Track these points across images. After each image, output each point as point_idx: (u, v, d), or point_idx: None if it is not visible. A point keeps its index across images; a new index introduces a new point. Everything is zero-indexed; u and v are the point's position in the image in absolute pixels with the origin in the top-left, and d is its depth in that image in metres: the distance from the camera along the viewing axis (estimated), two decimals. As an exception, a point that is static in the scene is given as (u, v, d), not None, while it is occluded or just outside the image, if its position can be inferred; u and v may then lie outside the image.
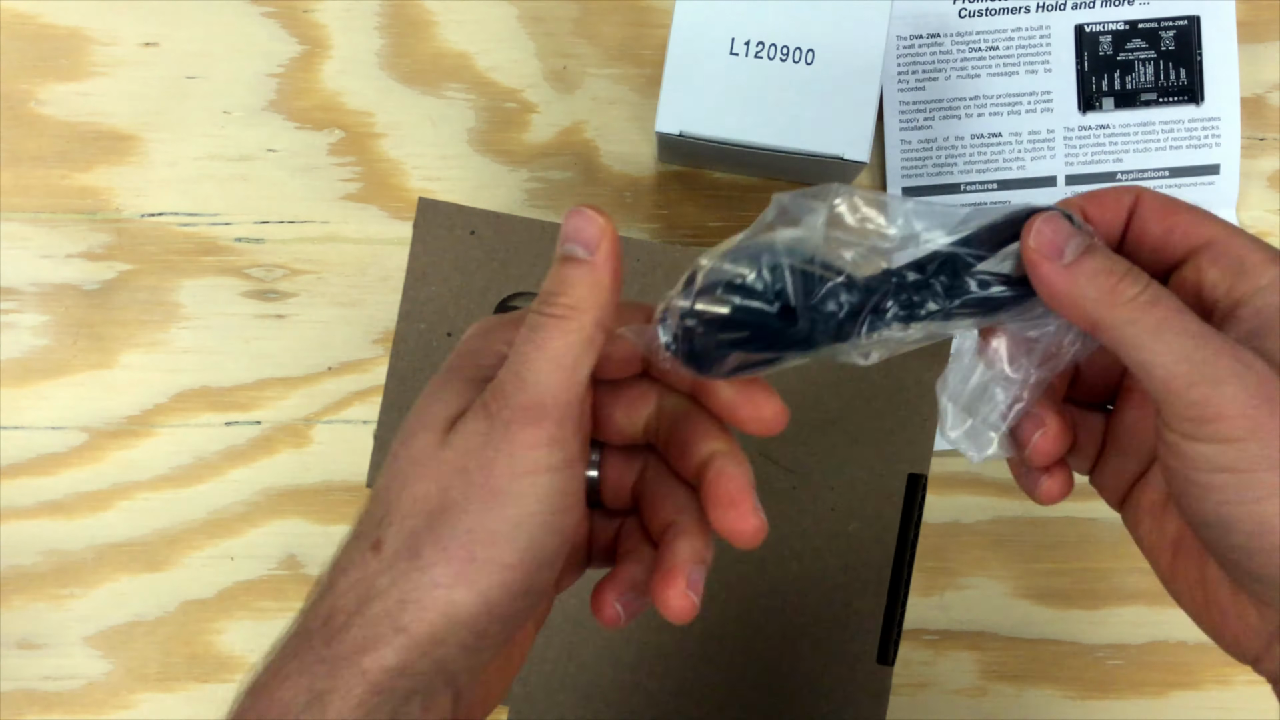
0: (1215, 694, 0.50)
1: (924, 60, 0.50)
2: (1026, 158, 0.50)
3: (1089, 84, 0.50)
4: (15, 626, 0.50)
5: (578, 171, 0.51)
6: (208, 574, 0.50)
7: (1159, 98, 0.50)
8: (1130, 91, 0.50)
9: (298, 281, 0.51)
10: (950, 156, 0.50)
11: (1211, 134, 0.50)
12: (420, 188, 0.51)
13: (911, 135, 0.50)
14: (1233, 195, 0.50)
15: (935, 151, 0.50)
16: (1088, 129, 0.50)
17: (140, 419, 0.50)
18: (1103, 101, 0.50)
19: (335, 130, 0.51)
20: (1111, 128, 0.50)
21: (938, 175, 0.50)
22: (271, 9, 0.51)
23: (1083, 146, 0.50)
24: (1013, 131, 0.50)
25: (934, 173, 0.50)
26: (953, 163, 0.50)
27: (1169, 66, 0.49)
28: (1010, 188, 0.50)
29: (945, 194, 0.50)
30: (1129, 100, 0.50)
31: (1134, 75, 0.50)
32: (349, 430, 0.50)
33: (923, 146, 0.50)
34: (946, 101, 0.50)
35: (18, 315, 0.50)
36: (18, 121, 0.51)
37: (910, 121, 0.50)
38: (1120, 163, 0.50)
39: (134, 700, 0.49)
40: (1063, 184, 0.50)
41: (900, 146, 0.50)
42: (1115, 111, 0.50)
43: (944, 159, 0.50)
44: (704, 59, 0.44)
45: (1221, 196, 0.50)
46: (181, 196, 0.51)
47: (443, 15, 0.51)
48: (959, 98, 0.50)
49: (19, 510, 0.50)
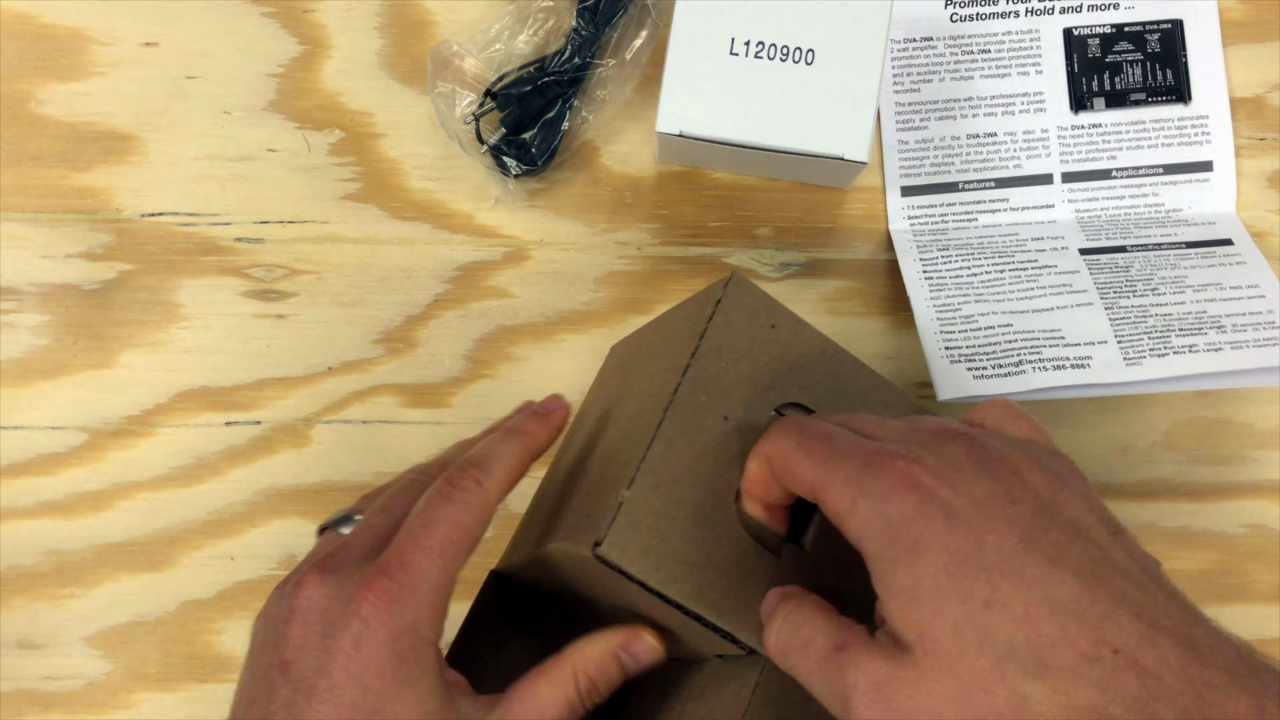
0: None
1: (918, 63, 0.51)
2: (1022, 156, 0.50)
3: (1080, 85, 0.50)
4: (15, 626, 0.50)
5: (578, 171, 0.51)
6: (208, 574, 0.50)
7: (1148, 97, 0.50)
8: (1120, 91, 0.50)
9: (298, 281, 0.51)
10: (947, 156, 0.50)
11: (1201, 132, 0.50)
12: (420, 188, 0.51)
13: (908, 135, 0.50)
14: (1229, 192, 0.50)
15: (932, 151, 0.50)
16: (1081, 128, 0.50)
17: (140, 419, 0.50)
18: (1094, 101, 0.50)
19: (335, 130, 0.51)
20: (1104, 126, 0.50)
21: (935, 174, 0.50)
22: (271, 9, 0.51)
23: (1077, 145, 0.50)
24: (1007, 131, 0.50)
25: (932, 171, 0.50)
26: (950, 162, 0.50)
27: (1156, 67, 0.50)
28: (1008, 185, 0.50)
29: (945, 192, 0.50)
30: (1119, 100, 0.50)
31: (1123, 76, 0.50)
32: (349, 430, 0.50)
33: (920, 146, 0.50)
34: (941, 103, 0.50)
35: (18, 315, 0.50)
36: (18, 121, 0.51)
37: (907, 122, 0.51)
38: (1114, 160, 0.50)
39: (134, 700, 0.49)
40: (1059, 180, 0.50)
41: (898, 146, 0.50)
42: (1106, 111, 0.50)
43: (941, 158, 0.50)
44: (704, 59, 0.44)
45: (1217, 194, 0.50)
46: (181, 196, 0.51)
47: (443, 15, 0.51)
48: (953, 99, 0.50)
49: (19, 510, 0.50)
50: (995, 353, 0.44)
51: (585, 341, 0.51)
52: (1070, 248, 0.49)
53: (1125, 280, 0.47)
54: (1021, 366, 0.43)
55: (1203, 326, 0.44)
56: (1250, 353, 0.44)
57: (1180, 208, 0.50)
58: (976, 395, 0.43)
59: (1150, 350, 0.44)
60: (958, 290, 0.47)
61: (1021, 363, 0.44)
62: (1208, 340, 0.44)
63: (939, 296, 0.47)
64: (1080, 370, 0.43)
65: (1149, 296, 0.46)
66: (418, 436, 0.50)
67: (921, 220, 0.50)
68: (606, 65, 0.49)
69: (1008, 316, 0.45)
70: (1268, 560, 0.50)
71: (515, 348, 0.51)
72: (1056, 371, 0.43)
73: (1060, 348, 0.44)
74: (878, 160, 0.51)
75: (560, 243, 0.51)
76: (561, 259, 0.51)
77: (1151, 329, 0.44)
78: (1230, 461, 0.50)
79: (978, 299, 0.46)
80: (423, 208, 0.51)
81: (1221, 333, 0.44)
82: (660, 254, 0.51)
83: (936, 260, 0.48)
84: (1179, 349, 0.44)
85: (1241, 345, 0.44)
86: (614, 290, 0.51)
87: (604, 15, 0.48)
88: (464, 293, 0.51)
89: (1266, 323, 0.45)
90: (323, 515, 0.50)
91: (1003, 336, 0.45)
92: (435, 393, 0.50)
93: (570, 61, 0.48)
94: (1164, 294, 0.46)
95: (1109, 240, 0.49)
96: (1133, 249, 0.48)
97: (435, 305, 0.51)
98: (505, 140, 0.49)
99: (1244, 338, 0.44)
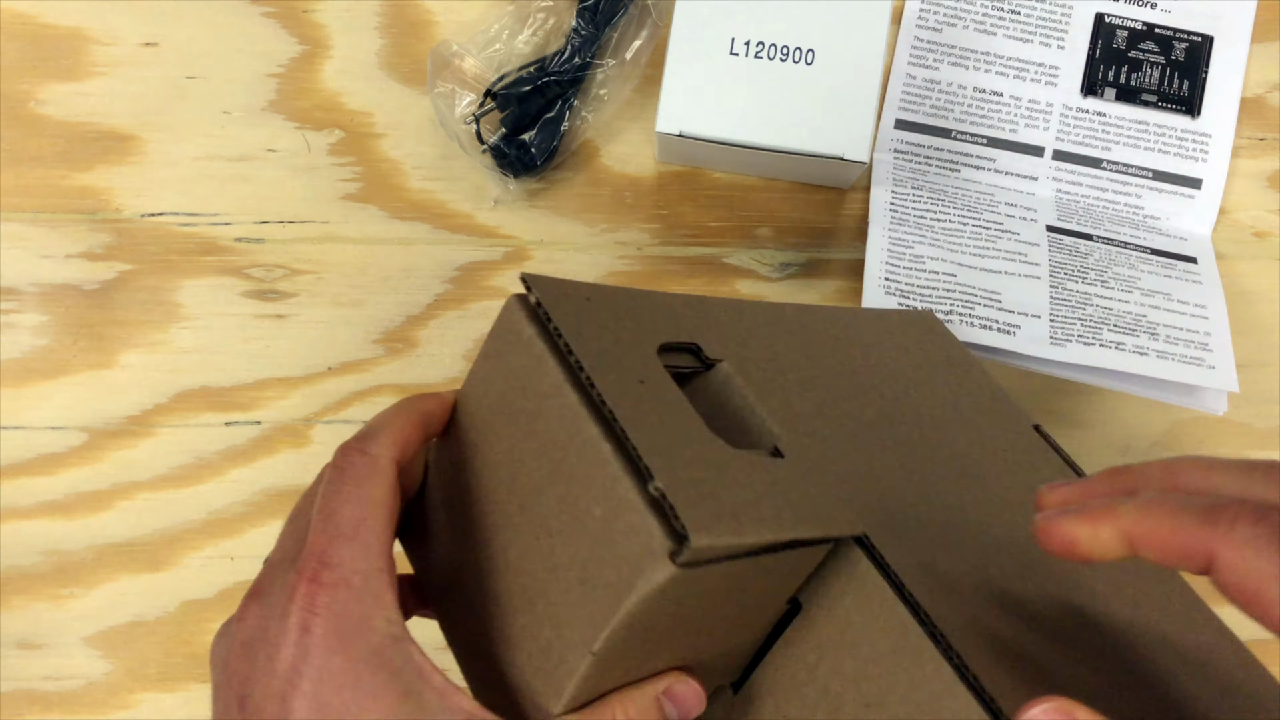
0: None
1: (946, 5, 0.51)
2: (1020, 123, 0.51)
3: (1096, 70, 0.51)
4: (15, 626, 0.50)
5: (578, 171, 0.51)
6: (208, 574, 0.50)
7: (1159, 101, 0.50)
8: (1133, 88, 0.50)
9: (298, 281, 0.51)
10: (949, 102, 0.51)
11: (1200, 148, 0.51)
12: (420, 188, 0.51)
13: (917, 72, 0.51)
14: (1210, 215, 0.51)
15: (936, 93, 0.51)
16: (1085, 112, 0.51)
17: (140, 419, 0.50)
18: (1105, 90, 0.51)
19: (335, 130, 0.51)
20: (1108, 116, 0.51)
21: (933, 116, 0.51)
22: (271, 9, 0.51)
23: (1076, 127, 0.51)
24: (1014, 95, 0.51)
25: (930, 113, 0.51)
26: (950, 109, 0.51)
27: (1174, 75, 0.50)
28: (999, 146, 0.51)
29: (937, 136, 0.51)
30: (1130, 96, 0.51)
31: (1140, 74, 0.50)
32: (349, 430, 0.50)
33: (925, 85, 0.51)
34: (958, 49, 0.51)
35: (18, 315, 0.50)
36: (18, 121, 0.51)
37: (920, 59, 0.51)
38: (1108, 151, 0.51)
39: (134, 700, 0.49)
40: (1049, 156, 0.51)
41: (905, 79, 0.51)
42: (1115, 103, 0.51)
43: (943, 103, 0.51)
44: (704, 59, 0.44)
45: (1198, 212, 0.51)
46: (181, 196, 0.51)
47: (443, 15, 0.51)
48: (971, 49, 0.51)
49: (19, 510, 0.50)
50: (930, 296, 0.45)
51: (585, 341, 0.51)
52: (1039, 222, 0.49)
53: (1080, 266, 0.47)
54: (950, 316, 0.44)
55: (1137, 329, 0.45)
56: (1173, 366, 0.44)
57: (1158, 216, 0.50)
58: None
59: (1079, 336, 0.44)
60: (916, 229, 0.48)
61: (952, 312, 0.44)
62: (1137, 343, 0.44)
63: (897, 231, 0.47)
64: (1004, 335, 0.44)
65: (1097, 286, 0.46)
66: (418, 436, 0.50)
67: (907, 156, 0.51)
68: (606, 65, 0.49)
69: (955, 267, 0.46)
70: (1268, 560, 0.50)
71: (515, 348, 0.51)
72: (982, 330, 0.44)
73: (994, 310, 0.44)
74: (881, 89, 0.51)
75: (560, 243, 0.51)
76: (561, 259, 0.51)
77: (1087, 317, 0.45)
78: (1230, 461, 0.50)
79: (933, 243, 0.47)
80: (423, 208, 0.51)
81: (1154, 339, 0.45)
82: (660, 254, 0.51)
83: (907, 196, 0.49)
84: (1106, 343, 0.44)
85: (1168, 356, 0.44)
86: (614, 290, 0.51)
87: (604, 15, 0.48)
88: (464, 293, 0.51)
89: (1199, 343, 0.45)
90: (323, 515, 0.50)
91: (943, 283, 0.45)
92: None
93: (570, 61, 0.48)
94: (1112, 288, 0.47)
95: (1078, 225, 0.49)
96: (1098, 239, 0.49)
97: (435, 305, 0.51)
98: (505, 140, 0.49)
99: (1173, 350, 0.45)
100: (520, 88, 0.49)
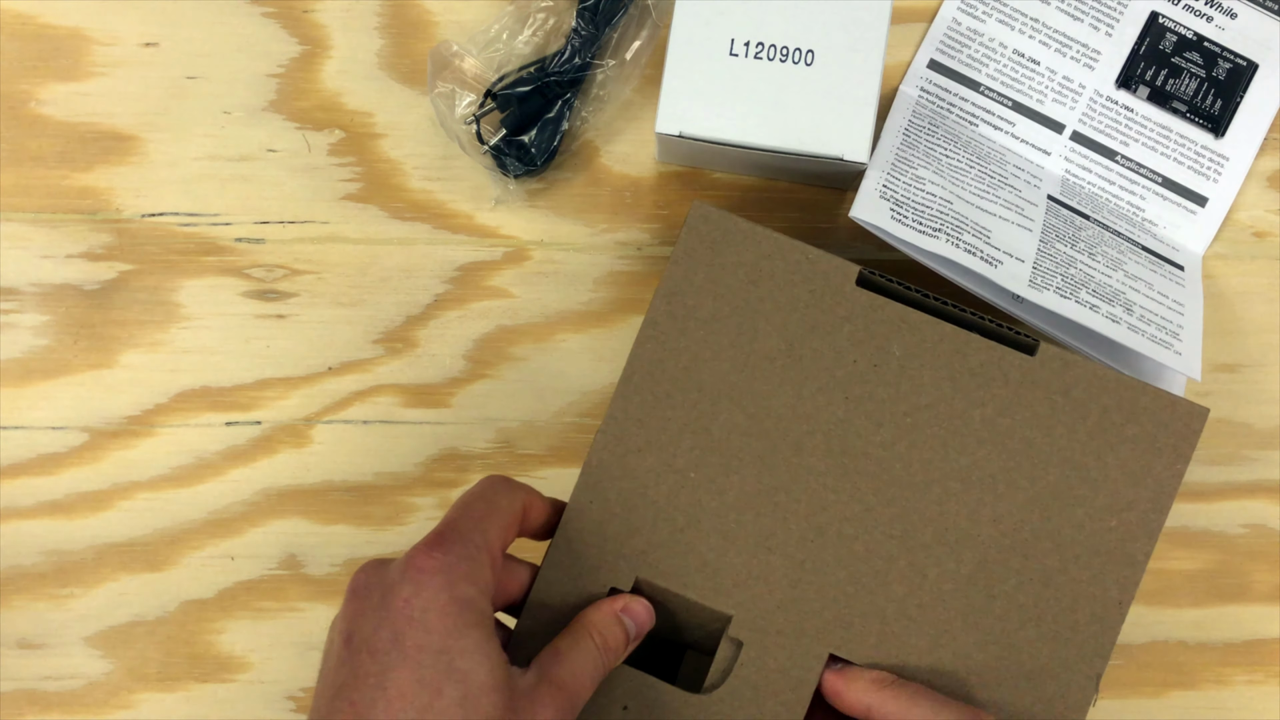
0: (1213, 694, 0.50)
1: None
2: (1049, 96, 0.51)
3: (1136, 66, 0.51)
4: (15, 626, 0.50)
5: (578, 171, 0.51)
6: (208, 574, 0.50)
7: (1188, 112, 0.51)
8: (1167, 93, 0.51)
9: (298, 281, 0.51)
10: (986, 56, 0.51)
11: (1215, 168, 0.51)
12: (420, 188, 0.51)
13: (963, 19, 0.51)
14: (1207, 235, 0.51)
15: (975, 46, 0.51)
16: (1114, 103, 0.51)
17: (140, 419, 0.50)
18: (1139, 87, 0.51)
19: (335, 130, 0.51)
20: (1134, 113, 0.51)
21: (967, 66, 0.51)
22: (271, 9, 0.51)
23: (1102, 114, 0.51)
24: (1050, 67, 0.51)
25: (965, 63, 0.51)
26: (985, 63, 0.51)
27: (1210, 92, 0.51)
28: (1022, 112, 0.51)
29: (965, 85, 0.51)
30: (1162, 99, 0.51)
31: (1178, 81, 0.51)
32: (349, 430, 0.50)
33: (968, 34, 0.51)
34: (1009, 8, 0.51)
35: (18, 315, 0.50)
36: (18, 121, 0.51)
37: (970, 8, 0.51)
38: (1126, 147, 0.51)
39: (134, 700, 0.49)
40: (1068, 136, 0.51)
41: (950, 23, 0.51)
42: (1145, 102, 0.51)
43: (980, 55, 0.51)
44: (704, 59, 0.44)
45: (1196, 230, 0.51)
46: (181, 196, 0.51)
47: (443, 15, 0.51)
48: (1021, 11, 0.51)
49: (19, 510, 0.50)
50: (923, 212, 0.45)
51: (585, 342, 0.51)
52: (1042, 189, 0.49)
53: (1072, 235, 0.47)
54: (938, 233, 0.44)
55: (1114, 301, 0.45)
56: (1143, 341, 0.44)
57: (1156, 223, 0.51)
58: (884, 230, 0.43)
59: (1057, 289, 0.44)
60: (923, 157, 0.48)
61: (940, 230, 0.44)
62: (1111, 311, 0.45)
63: (904, 153, 0.47)
64: (986, 265, 0.44)
65: (1084, 256, 0.47)
66: (418, 436, 0.50)
67: (931, 97, 0.51)
68: (606, 65, 0.49)
69: (952, 196, 0.46)
70: (1267, 560, 0.50)
71: (515, 348, 0.51)
72: (966, 254, 0.44)
73: (981, 241, 0.45)
74: (922, 29, 0.51)
75: (560, 243, 0.51)
76: (561, 259, 0.51)
77: (1069, 276, 0.45)
78: (1230, 461, 0.50)
79: (936, 172, 0.47)
80: (423, 208, 0.51)
81: (1129, 313, 0.45)
82: (660, 254, 0.51)
83: (922, 130, 0.49)
84: (1082, 301, 0.44)
85: (1138, 331, 0.44)
86: (614, 290, 0.51)
87: (604, 15, 0.48)
88: (464, 293, 0.51)
89: (1170, 333, 0.45)
90: (323, 515, 0.50)
91: (938, 205, 0.45)
92: (435, 393, 0.50)
93: (570, 62, 0.48)
94: (1098, 261, 0.47)
95: (1078, 205, 0.50)
96: (1094, 221, 0.49)
97: (435, 305, 0.51)
98: (505, 140, 0.49)
99: (1145, 328, 0.45)
100: (520, 88, 0.49)
